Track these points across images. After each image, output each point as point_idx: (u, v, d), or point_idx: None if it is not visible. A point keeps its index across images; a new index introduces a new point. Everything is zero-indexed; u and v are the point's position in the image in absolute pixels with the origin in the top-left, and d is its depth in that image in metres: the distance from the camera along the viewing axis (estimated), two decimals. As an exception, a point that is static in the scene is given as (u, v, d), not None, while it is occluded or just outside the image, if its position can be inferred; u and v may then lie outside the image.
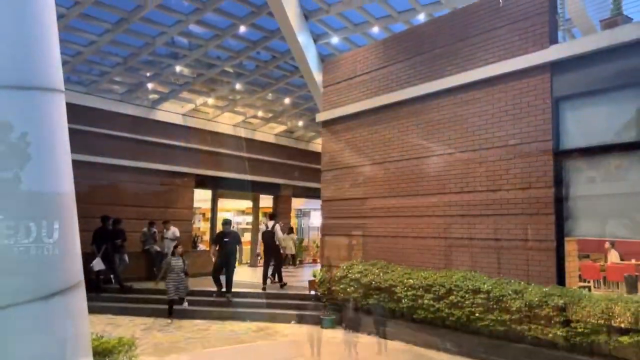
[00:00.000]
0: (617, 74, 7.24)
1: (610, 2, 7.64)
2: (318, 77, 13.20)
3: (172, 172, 17.69)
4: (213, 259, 12.16)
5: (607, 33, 7.30)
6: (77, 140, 14.57)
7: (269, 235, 13.54)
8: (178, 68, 15.18)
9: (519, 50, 8.48)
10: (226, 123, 19.53)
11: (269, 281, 13.30)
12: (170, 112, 17.78)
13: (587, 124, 7.63)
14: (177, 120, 17.95)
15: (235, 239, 12.18)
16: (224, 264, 11.97)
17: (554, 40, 8.11)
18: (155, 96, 17.31)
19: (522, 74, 8.41)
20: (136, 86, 16.39)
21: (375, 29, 13.58)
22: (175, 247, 11.35)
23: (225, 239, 11.92)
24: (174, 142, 17.75)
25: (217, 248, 12.09)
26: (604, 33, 7.36)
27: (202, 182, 18.80)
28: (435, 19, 10.35)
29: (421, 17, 12.60)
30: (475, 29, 9.27)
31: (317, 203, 16.29)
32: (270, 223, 13.96)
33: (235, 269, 12.39)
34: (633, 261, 12.04)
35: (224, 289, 11.98)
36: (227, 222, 12.43)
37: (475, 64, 9.19)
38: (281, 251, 14.18)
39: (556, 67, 7.96)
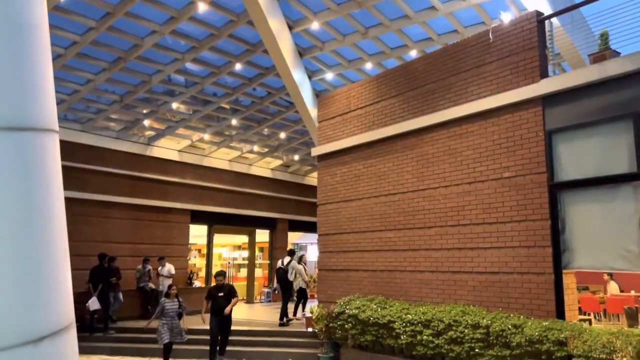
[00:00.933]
0: (607, 106, 7.34)
1: (597, 37, 7.79)
2: (313, 112, 13.34)
3: (168, 208, 17.63)
4: (203, 319, 10.53)
5: (596, 67, 7.43)
6: (73, 178, 14.67)
7: (282, 273, 13.82)
8: (174, 105, 15.32)
9: (510, 84, 8.61)
10: (222, 158, 19.60)
11: (291, 315, 13.59)
12: (166, 149, 17.84)
13: (580, 156, 7.68)
14: (173, 156, 18.00)
15: (232, 293, 10.47)
16: (222, 326, 10.36)
17: (544, 74, 8.24)
18: (152, 133, 17.40)
19: (514, 108, 8.51)
20: (132, 123, 16.49)
21: (369, 65, 13.82)
22: (170, 287, 10.71)
23: (220, 294, 10.34)
24: (169, 178, 17.76)
25: (209, 305, 10.44)
26: (593, 67, 7.50)
27: (198, 217, 18.73)
28: (427, 55, 10.54)
29: (413, 54, 12.85)
30: (467, 64, 9.43)
31: (314, 237, 16.22)
32: (286, 259, 14.14)
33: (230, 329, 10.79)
34: (633, 293, 11.93)
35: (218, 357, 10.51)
36: (220, 274, 10.83)
37: (467, 98, 9.31)
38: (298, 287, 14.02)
39: (548, 100, 8.07)
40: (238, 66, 13.59)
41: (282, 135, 18.34)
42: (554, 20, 9.03)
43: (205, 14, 11.54)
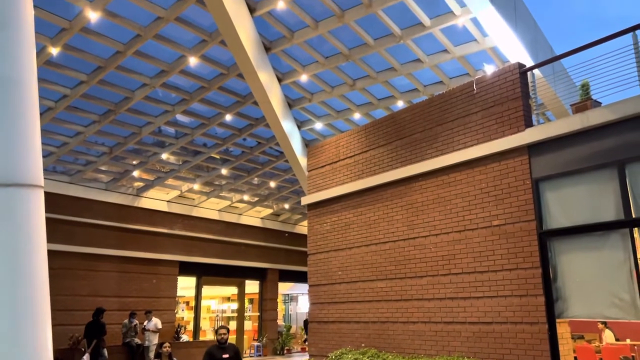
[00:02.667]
0: (592, 155, 7.46)
1: (579, 87, 8.01)
2: (303, 161, 13.42)
3: (156, 259, 17.37)
4: None
5: (578, 116, 7.60)
6: (60, 231, 14.47)
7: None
8: (164, 156, 15.37)
9: (496, 134, 8.76)
10: (211, 208, 19.51)
11: None
12: (155, 199, 17.76)
13: (568, 203, 7.73)
14: (162, 207, 17.90)
15: (238, 356, 8.28)
16: None
17: (529, 124, 8.40)
18: (141, 184, 17.36)
19: (500, 156, 8.62)
20: (121, 174, 16.46)
21: (357, 115, 14.05)
22: (162, 346, 9.65)
23: (225, 355, 8.02)
24: (158, 229, 17.58)
25: None
26: (575, 116, 7.66)
27: (186, 268, 18.44)
28: (413, 105, 10.74)
29: (400, 104, 13.12)
30: (453, 114, 9.60)
31: (304, 287, 15.96)
32: None
33: None
34: (628, 341, 11.75)
35: None
36: (224, 328, 8.56)
37: (454, 147, 9.43)
38: None
39: (533, 149, 8.19)
40: (228, 117, 13.76)
41: (272, 184, 18.38)
42: (536, 71, 9.30)
43: (195, 67, 11.77)
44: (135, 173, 16.28)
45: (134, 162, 15.97)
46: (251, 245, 20.62)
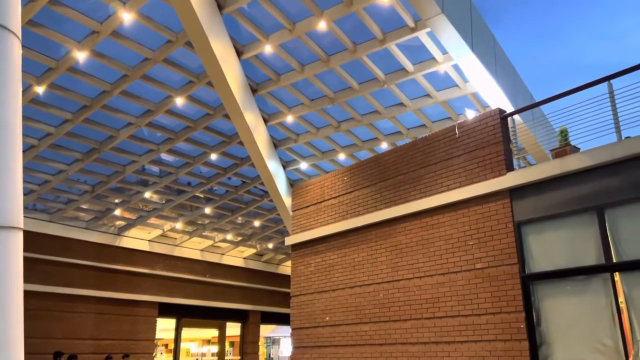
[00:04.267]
0: (572, 199, 7.59)
1: (558, 133, 8.21)
2: (287, 201, 13.40)
3: (135, 300, 16.96)
4: None
5: (558, 162, 7.77)
6: (37, 270, 14.12)
7: None
8: (147, 195, 15.25)
9: (478, 177, 8.88)
10: (194, 248, 19.26)
11: None
12: (136, 239, 17.50)
13: (550, 247, 7.79)
14: (143, 246, 17.62)
15: None
16: None
17: (510, 168, 8.55)
18: (122, 223, 17.13)
19: (483, 199, 8.72)
20: (103, 213, 16.25)
21: (342, 156, 14.18)
22: None
23: None
24: (138, 269, 17.26)
25: None
26: (555, 162, 7.83)
27: (166, 310, 18.01)
28: (397, 148, 10.89)
29: (384, 146, 13.29)
30: (436, 157, 9.75)
31: (287, 330, 15.65)
32: None
33: None
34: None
35: None
36: None
37: (437, 190, 9.53)
38: None
39: (515, 192, 8.31)
40: (213, 156, 13.78)
41: (256, 223, 18.26)
42: (516, 116, 9.54)
43: (182, 107, 11.86)
44: (117, 212, 16.08)
45: (116, 201, 15.81)
46: (233, 286, 20.29)
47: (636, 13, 56.43)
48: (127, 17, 9.20)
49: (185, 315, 18.75)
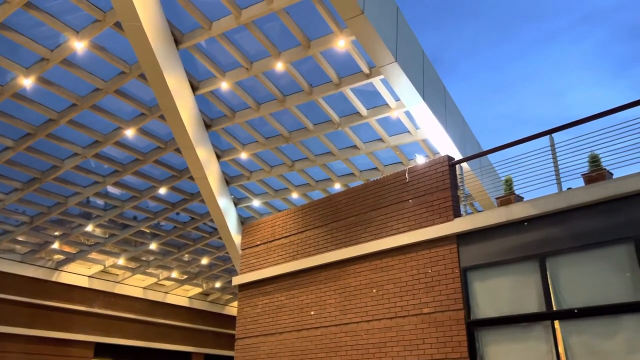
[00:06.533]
0: (515, 247, 7.79)
1: (502, 182, 8.50)
2: (237, 239, 13.15)
3: (69, 340, 15.98)
4: None
5: (503, 209, 8.00)
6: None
7: None
8: (89, 228, 14.63)
9: (426, 222, 9.01)
10: (136, 285, 18.49)
11: None
12: (75, 274, 16.67)
13: (494, 294, 7.92)
14: (82, 282, 16.78)
15: None
16: None
17: (457, 214, 8.74)
18: (61, 257, 16.31)
19: (431, 244, 8.83)
20: (40, 246, 15.43)
21: (295, 195, 14.15)
22: None
23: None
24: (75, 306, 16.35)
25: None
26: (500, 209, 8.06)
27: (103, 351, 17.03)
28: (350, 189, 10.96)
29: (337, 187, 13.37)
30: (387, 200, 9.86)
31: (230, 374, 15.07)
32: None
33: None
34: None
35: None
36: None
37: (388, 232, 9.59)
38: None
39: (462, 238, 8.46)
40: (162, 191, 13.44)
41: (204, 261, 17.77)
42: (465, 164, 9.83)
43: (132, 139, 11.59)
44: (56, 245, 15.29)
45: (56, 234, 15.06)
46: (176, 326, 19.48)
47: (578, 72, 60.55)
48: (79, 46, 9.02)
49: (124, 357, 17.76)
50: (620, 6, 57.90)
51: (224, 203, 12.88)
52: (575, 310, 6.89)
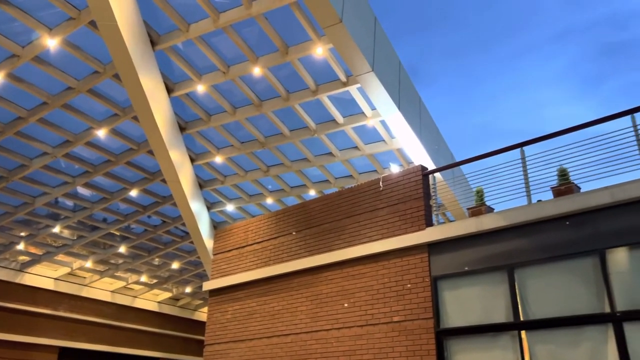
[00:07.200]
0: (485, 257, 7.90)
1: (474, 193, 8.63)
2: (209, 244, 13.01)
3: (32, 344, 15.51)
4: None
5: (474, 220, 8.11)
6: None
7: None
8: (57, 229, 14.28)
9: (399, 230, 9.08)
10: (104, 289, 18.09)
11: None
12: (41, 276, 16.22)
13: (463, 303, 8.01)
14: (48, 284, 16.35)
15: None
16: None
17: (429, 223, 8.82)
18: (26, 258, 15.87)
19: (402, 253, 8.88)
20: (5, 247, 14.99)
21: (269, 201, 14.08)
22: None
23: None
24: (39, 309, 15.92)
25: None
26: (471, 220, 8.17)
27: (67, 356, 16.59)
28: (324, 196, 10.97)
29: (312, 193, 13.37)
30: (361, 208, 9.89)
31: (198, 381, 14.86)
32: None
33: None
34: None
35: None
36: None
37: (360, 240, 9.62)
38: None
39: (433, 247, 8.54)
40: (133, 193, 13.22)
41: (174, 265, 17.51)
42: (438, 174, 9.94)
43: (104, 140, 11.38)
44: (21, 246, 14.87)
45: (22, 234, 14.64)
46: (144, 331, 19.12)
47: (551, 88, 62.07)
48: (52, 44, 8.83)
49: (88, 362, 17.36)
50: (591, 26, 59.70)
51: (197, 207, 12.74)
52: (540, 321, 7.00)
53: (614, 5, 57.72)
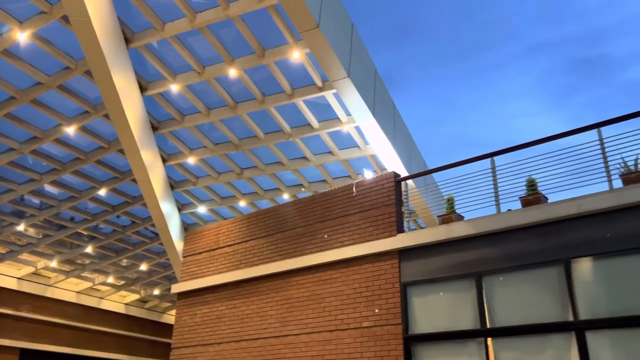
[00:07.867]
0: (454, 264, 8.00)
1: (445, 200, 8.73)
2: (179, 246, 12.84)
3: (-9, 346, 15.03)
4: None
5: (444, 227, 8.21)
6: None
7: None
8: (22, 227, 13.89)
9: (371, 236, 9.12)
10: (69, 289, 17.66)
11: None
12: (3, 275, 15.74)
13: (432, 310, 8.08)
14: (10, 284, 15.88)
15: None
16: None
17: (400, 229, 8.89)
18: (-12, 256, 15.37)
19: (373, 258, 8.93)
20: (-34, 244, 14.50)
21: (242, 203, 13.98)
22: None
23: None
24: (0, 309, 15.41)
25: None
26: (441, 227, 8.27)
27: (29, 358, 16.11)
28: (297, 200, 10.95)
29: (285, 197, 13.33)
30: (333, 213, 9.90)
31: (164, 385, 14.62)
32: None
33: None
34: None
35: None
36: None
37: (332, 245, 9.63)
38: None
39: (403, 254, 8.61)
40: (102, 192, 12.96)
41: (143, 267, 17.21)
42: (410, 181, 10.03)
43: (73, 137, 11.14)
44: (-17, 244, 14.43)
45: (-16, 231, 14.21)
46: (110, 333, 18.72)
47: (523, 100, 63.41)
48: (22, 37, 8.61)
49: (51, 365, 16.90)
50: (562, 41, 61.30)
51: (167, 208, 12.56)
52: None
53: (585, 21, 59.42)
